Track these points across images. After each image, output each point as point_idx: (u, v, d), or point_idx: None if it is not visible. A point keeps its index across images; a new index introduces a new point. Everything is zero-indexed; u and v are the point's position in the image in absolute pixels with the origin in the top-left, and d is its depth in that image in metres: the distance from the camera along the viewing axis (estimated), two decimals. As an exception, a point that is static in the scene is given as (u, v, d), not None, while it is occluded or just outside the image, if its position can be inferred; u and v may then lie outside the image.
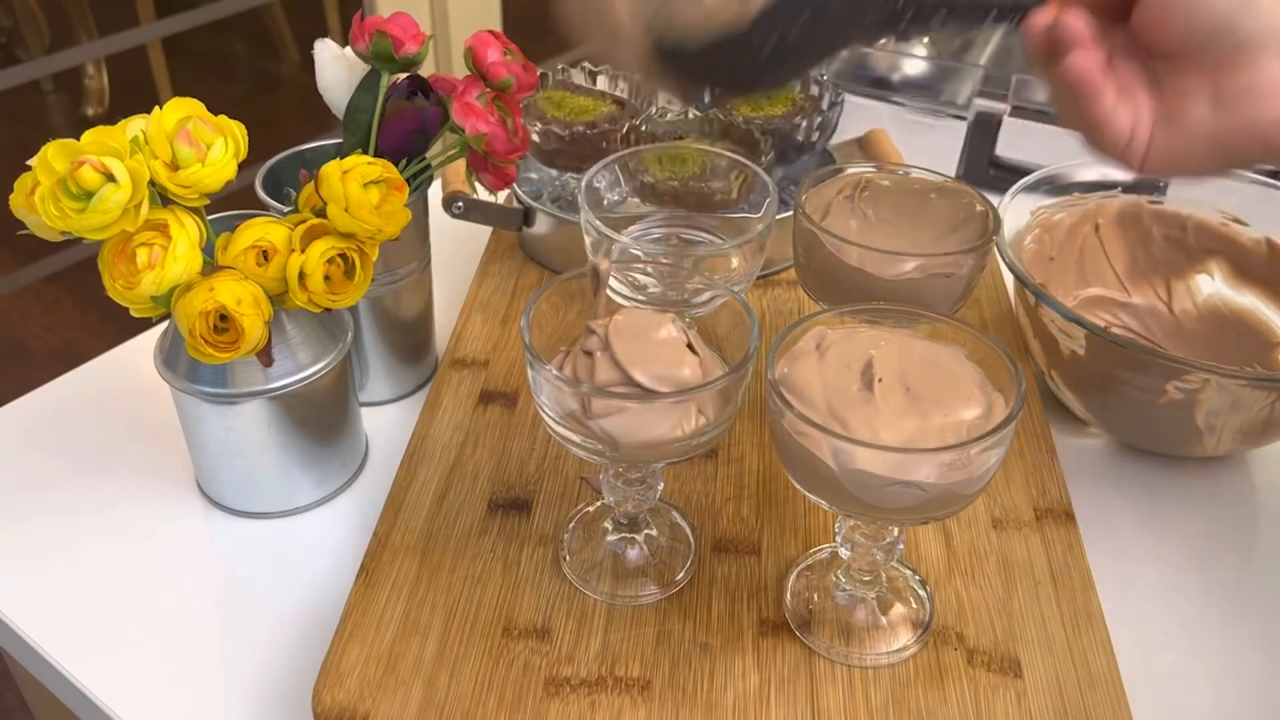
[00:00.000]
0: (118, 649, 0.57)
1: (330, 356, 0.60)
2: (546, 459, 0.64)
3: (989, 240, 0.60)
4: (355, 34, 0.60)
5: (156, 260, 0.50)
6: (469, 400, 0.68)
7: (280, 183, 0.67)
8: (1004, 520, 0.61)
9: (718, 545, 0.59)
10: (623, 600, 0.55)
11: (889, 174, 0.65)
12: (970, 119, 0.96)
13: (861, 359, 0.49)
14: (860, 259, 0.58)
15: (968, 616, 0.55)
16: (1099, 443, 0.70)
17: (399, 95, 0.60)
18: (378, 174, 0.54)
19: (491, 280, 0.80)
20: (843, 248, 0.59)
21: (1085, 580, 0.57)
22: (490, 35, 0.61)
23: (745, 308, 0.52)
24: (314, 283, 0.53)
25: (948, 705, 0.51)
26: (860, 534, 0.52)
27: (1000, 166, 0.97)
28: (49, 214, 0.48)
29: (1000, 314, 0.77)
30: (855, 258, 0.58)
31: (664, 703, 0.51)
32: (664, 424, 0.48)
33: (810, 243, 0.60)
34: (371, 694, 0.50)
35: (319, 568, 0.61)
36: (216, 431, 0.61)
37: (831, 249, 0.59)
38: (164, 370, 0.59)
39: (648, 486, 0.55)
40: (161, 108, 0.51)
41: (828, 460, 0.45)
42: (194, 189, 0.51)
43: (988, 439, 0.44)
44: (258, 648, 0.57)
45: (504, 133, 0.60)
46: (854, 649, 0.53)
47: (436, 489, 0.62)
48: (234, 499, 0.64)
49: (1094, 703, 0.51)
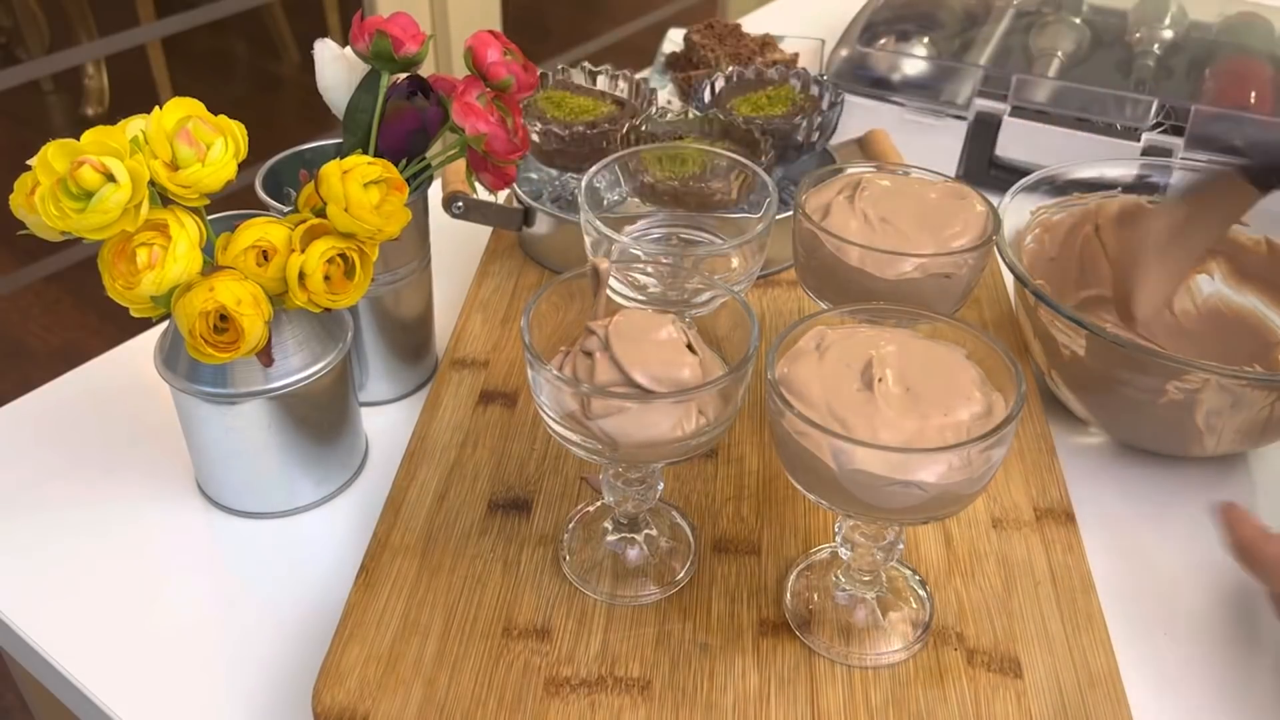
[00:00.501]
0: (118, 649, 0.57)
1: (330, 356, 0.60)
2: (546, 459, 0.64)
3: (989, 240, 0.60)
4: (355, 34, 0.60)
5: (156, 260, 0.50)
6: (469, 400, 0.68)
7: (280, 183, 0.67)
8: (1004, 520, 0.61)
9: (718, 545, 0.59)
10: (623, 600, 0.55)
11: (889, 174, 0.65)
12: (970, 119, 0.96)
13: (861, 359, 0.49)
14: (860, 259, 0.58)
15: (968, 616, 0.55)
16: (1099, 443, 0.70)
17: (399, 95, 0.60)
18: (378, 174, 0.54)
19: (491, 280, 0.80)
20: (843, 248, 0.59)
21: (1085, 580, 0.57)
22: (490, 35, 0.61)
23: (745, 308, 0.52)
24: (314, 283, 0.53)
25: (948, 705, 0.51)
26: (860, 534, 0.52)
27: (1000, 166, 0.97)
28: (49, 214, 0.48)
29: (1000, 314, 0.77)
30: (855, 258, 0.58)
31: (664, 703, 0.51)
32: (664, 424, 0.48)
33: (810, 243, 0.60)
34: (371, 694, 0.50)
35: (319, 568, 0.61)
36: (216, 431, 0.61)
37: (831, 249, 0.59)
38: (164, 370, 0.59)
39: (648, 486, 0.55)
40: (161, 108, 0.51)
41: (828, 460, 0.45)
42: (194, 189, 0.51)
43: (988, 439, 0.44)
44: (258, 648, 0.57)
45: (504, 133, 0.60)
46: (854, 649, 0.53)
47: (436, 489, 0.62)
48: (234, 499, 0.64)
49: (1094, 703, 0.51)
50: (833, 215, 0.62)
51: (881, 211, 0.62)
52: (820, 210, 0.62)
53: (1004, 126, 0.95)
